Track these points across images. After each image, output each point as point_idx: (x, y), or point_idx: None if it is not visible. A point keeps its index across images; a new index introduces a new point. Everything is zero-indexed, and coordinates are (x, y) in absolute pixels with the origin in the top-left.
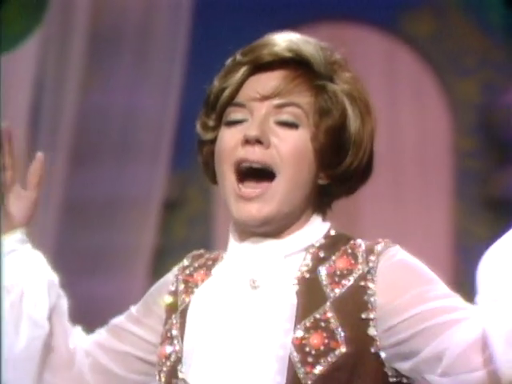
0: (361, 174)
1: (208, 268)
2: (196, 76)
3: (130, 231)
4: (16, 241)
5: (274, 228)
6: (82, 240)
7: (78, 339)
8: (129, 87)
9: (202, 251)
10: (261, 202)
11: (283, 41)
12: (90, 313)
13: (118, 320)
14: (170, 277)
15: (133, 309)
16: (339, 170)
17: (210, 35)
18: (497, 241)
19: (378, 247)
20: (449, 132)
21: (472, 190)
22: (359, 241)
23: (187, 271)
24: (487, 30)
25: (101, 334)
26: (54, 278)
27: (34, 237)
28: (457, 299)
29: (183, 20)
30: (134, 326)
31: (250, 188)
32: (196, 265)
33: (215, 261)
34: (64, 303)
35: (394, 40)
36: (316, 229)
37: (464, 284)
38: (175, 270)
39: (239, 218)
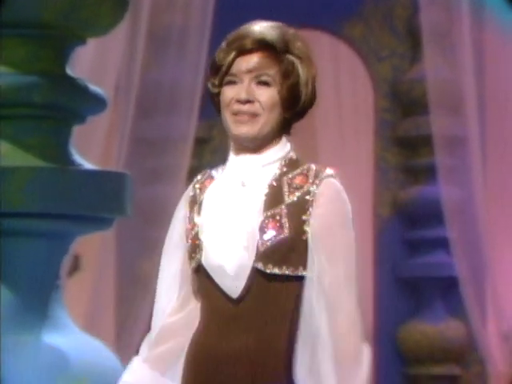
0: (309, 105)
1: (211, 176)
2: None
3: (175, 158)
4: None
5: (257, 144)
6: (143, 164)
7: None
8: (174, 66)
9: (207, 170)
10: (250, 125)
11: (258, 32)
12: (150, 208)
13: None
14: (189, 189)
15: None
16: (297, 108)
17: (228, 31)
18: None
19: (323, 174)
20: (372, 95)
21: (386, 133)
22: (312, 166)
23: (200, 181)
24: (396, 32)
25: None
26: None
27: (112, 161)
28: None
29: (208, 22)
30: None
31: (243, 117)
32: (204, 177)
33: (217, 171)
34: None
35: (338, 39)
36: (282, 147)
37: (380, 186)
38: (191, 184)
39: (236, 134)
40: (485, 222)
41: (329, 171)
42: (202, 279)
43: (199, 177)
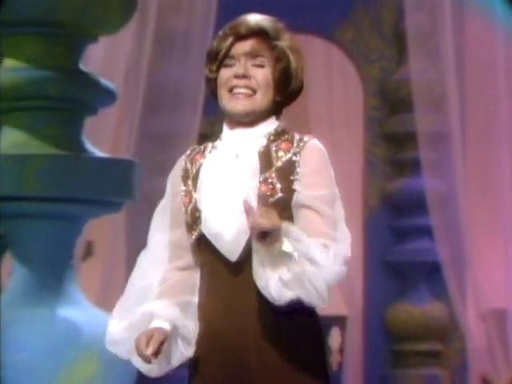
0: (298, 92)
1: (202, 152)
2: None
3: (180, 152)
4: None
5: (250, 119)
6: (151, 158)
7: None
8: (178, 67)
9: (195, 146)
10: (246, 101)
11: (253, 20)
12: (157, 199)
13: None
14: (178, 165)
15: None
16: (287, 91)
17: None
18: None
19: (305, 138)
20: (362, 94)
21: (375, 129)
22: (296, 133)
23: (189, 157)
24: (384, 37)
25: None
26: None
27: (122, 150)
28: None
29: (210, 26)
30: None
31: (240, 90)
32: (194, 152)
33: (206, 147)
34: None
35: (330, 43)
36: (271, 123)
37: (369, 178)
38: (181, 158)
39: (232, 110)
40: (465, 211)
41: (311, 137)
42: (203, 249)
43: (188, 152)
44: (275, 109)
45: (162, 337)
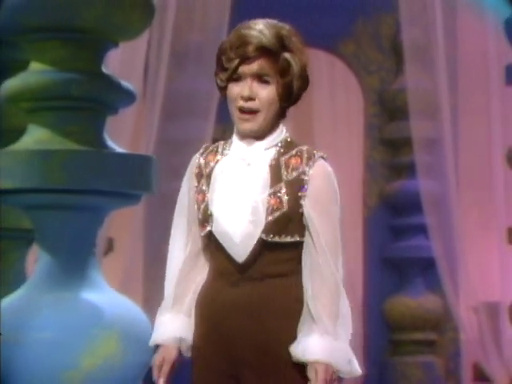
0: (303, 88)
1: (215, 152)
2: None
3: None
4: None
5: (259, 135)
6: (167, 162)
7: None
8: (193, 77)
9: (208, 144)
10: (251, 123)
11: (257, 38)
12: (173, 200)
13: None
14: (193, 163)
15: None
16: (292, 98)
17: None
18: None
19: (316, 156)
20: (362, 103)
21: (374, 134)
22: (304, 148)
23: (203, 155)
24: (382, 50)
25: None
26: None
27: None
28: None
29: (223, 37)
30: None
31: (246, 115)
32: (207, 152)
33: (218, 147)
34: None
35: (334, 56)
36: (280, 133)
37: (369, 180)
38: (195, 157)
39: (241, 130)
40: (457, 210)
41: (319, 153)
42: (212, 244)
43: (201, 150)
44: (281, 112)
45: (172, 360)
